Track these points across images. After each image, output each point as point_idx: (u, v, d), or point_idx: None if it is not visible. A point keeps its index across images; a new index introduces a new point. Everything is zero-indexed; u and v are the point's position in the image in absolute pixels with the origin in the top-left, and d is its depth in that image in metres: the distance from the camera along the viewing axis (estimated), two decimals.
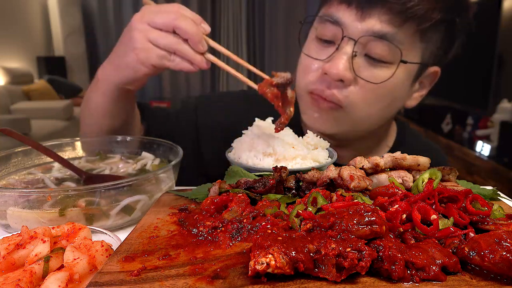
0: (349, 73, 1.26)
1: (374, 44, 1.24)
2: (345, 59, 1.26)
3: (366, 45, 1.26)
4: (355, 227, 0.67)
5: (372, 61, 1.27)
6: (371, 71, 1.27)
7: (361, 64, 1.28)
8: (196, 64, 1.15)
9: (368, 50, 1.26)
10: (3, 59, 8.01)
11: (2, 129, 1.20)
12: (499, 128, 5.57)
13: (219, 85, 10.71)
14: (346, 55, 1.26)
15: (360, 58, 1.27)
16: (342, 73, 1.26)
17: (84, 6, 10.28)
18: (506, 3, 5.47)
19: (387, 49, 1.24)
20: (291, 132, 1.32)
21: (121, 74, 1.20)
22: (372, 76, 1.27)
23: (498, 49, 5.60)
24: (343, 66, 1.25)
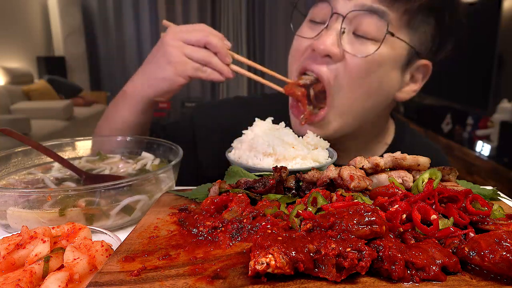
0: (336, 48, 1.28)
1: (363, 19, 1.26)
2: (333, 34, 1.29)
3: (355, 22, 1.28)
4: (355, 227, 0.67)
5: (360, 38, 1.30)
6: (358, 46, 1.30)
7: (349, 40, 1.30)
8: (224, 74, 1.34)
9: (356, 26, 1.29)
10: (3, 59, 8.01)
11: (2, 129, 1.20)
12: (499, 128, 5.57)
13: (219, 85, 10.71)
14: (335, 31, 1.29)
15: (348, 35, 1.30)
16: (329, 48, 1.28)
17: (84, 6, 10.29)
18: (506, 3, 5.47)
19: (375, 24, 1.26)
20: (291, 132, 1.32)
21: (157, 87, 1.35)
22: (359, 51, 1.29)
23: (498, 49, 5.60)
24: (331, 42, 1.28)
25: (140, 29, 10.74)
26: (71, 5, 9.81)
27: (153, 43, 11.22)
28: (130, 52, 10.82)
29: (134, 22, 10.68)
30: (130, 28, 10.70)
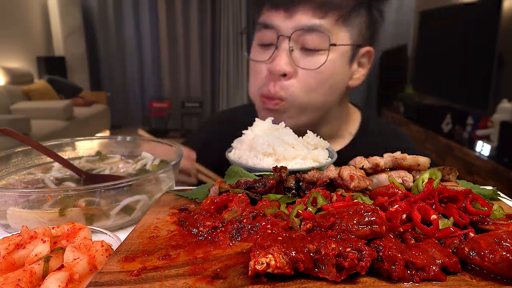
0: (290, 66, 1.45)
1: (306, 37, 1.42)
2: (284, 55, 1.44)
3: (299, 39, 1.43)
4: (355, 227, 0.67)
5: (308, 51, 1.46)
6: (308, 60, 1.46)
7: (299, 56, 1.46)
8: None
9: (302, 43, 1.44)
10: (3, 59, 8.01)
11: (2, 129, 1.20)
12: (499, 128, 5.57)
13: (219, 85, 10.70)
14: (285, 51, 1.45)
15: (297, 51, 1.45)
16: (283, 68, 1.44)
17: (84, 6, 10.28)
18: (506, 3, 5.47)
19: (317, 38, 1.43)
20: (291, 132, 1.32)
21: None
22: (310, 64, 1.45)
23: (498, 49, 5.60)
24: (284, 61, 1.44)
25: (140, 29, 10.73)
26: (71, 5, 9.80)
27: (153, 43, 11.26)
28: (130, 52, 10.81)
29: (134, 22, 10.68)
30: (130, 28, 10.69)
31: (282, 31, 1.44)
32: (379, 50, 9.24)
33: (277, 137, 1.25)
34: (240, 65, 10.99)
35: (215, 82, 10.70)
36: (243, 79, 10.77)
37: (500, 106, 5.72)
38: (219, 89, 10.66)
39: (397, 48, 9.00)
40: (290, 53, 1.44)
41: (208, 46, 10.69)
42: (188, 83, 9.87)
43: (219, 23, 10.58)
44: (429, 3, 7.56)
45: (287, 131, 1.32)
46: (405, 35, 8.88)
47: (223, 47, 10.68)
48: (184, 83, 9.79)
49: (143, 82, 10.78)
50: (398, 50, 8.96)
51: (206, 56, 10.74)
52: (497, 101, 5.76)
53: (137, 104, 11.08)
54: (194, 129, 8.29)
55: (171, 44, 10.55)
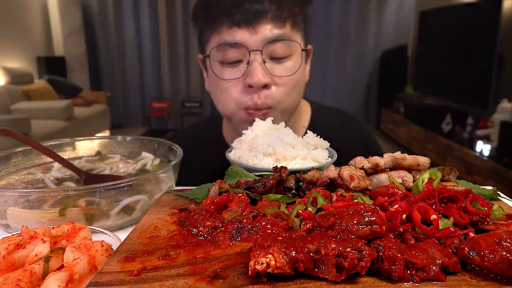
0: (267, 77, 1.53)
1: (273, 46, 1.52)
2: (259, 67, 1.52)
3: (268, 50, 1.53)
4: (355, 227, 0.67)
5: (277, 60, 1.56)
6: (280, 67, 1.57)
7: (270, 66, 1.55)
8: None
9: (271, 53, 1.54)
10: (3, 59, 8.01)
11: (2, 129, 1.20)
12: (499, 128, 5.57)
13: None
14: (259, 64, 1.52)
15: (268, 62, 1.54)
16: (262, 80, 1.51)
17: (84, 6, 10.28)
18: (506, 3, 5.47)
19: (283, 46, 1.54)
20: (291, 132, 1.32)
21: None
22: (284, 71, 1.57)
23: (498, 49, 5.60)
24: (261, 74, 1.51)
25: (140, 29, 10.73)
26: (71, 5, 9.80)
27: (153, 43, 11.25)
28: (130, 52, 10.81)
29: (134, 22, 10.68)
30: (130, 28, 10.69)
31: (251, 46, 1.51)
32: (379, 50, 9.26)
33: (277, 137, 1.25)
34: None
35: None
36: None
37: (500, 106, 5.72)
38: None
39: (397, 48, 9.01)
40: (264, 65, 1.53)
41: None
42: (188, 83, 9.87)
43: None
44: (429, 3, 7.57)
45: (287, 131, 1.32)
46: (405, 35, 8.90)
47: None
48: (184, 83, 9.79)
49: (143, 82, 10.79)
50: (398, 50, 8.96)
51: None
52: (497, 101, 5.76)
53: (137, 104, 11.08)
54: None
55: (171, 44, 10.56)
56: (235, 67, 1.56)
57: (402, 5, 9.06)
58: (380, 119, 9.24)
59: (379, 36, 9.12)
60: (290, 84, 1.58)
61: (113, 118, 10.40)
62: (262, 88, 1.54)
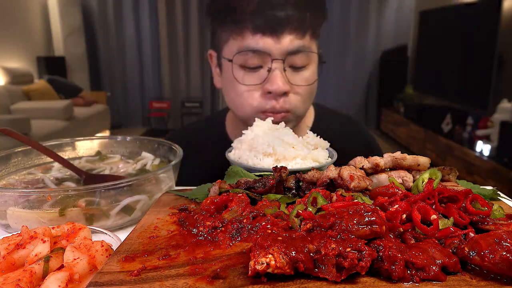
0: (287, 85, 1.58)
1: (294, 57, 1.57)
2: (280, 75, 1.56)
3: (289, 60, 1.58)
4: (355, 227, 0.67)
5: (296, 69, 1.61)
6: (298, 76, 1.61)
7: (291, 74, 1.60)
8: None
9: (291, 62, 1.58)
10: (3, 59, 8.01)
11: (2, 129, 1.20)
12: (499, 128, 5.57)
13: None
14: (280, 72, 1.56)
15: (288, 70, 1.59)
16: (282, 87, 1.55)
17: (84, 6, 10.28)
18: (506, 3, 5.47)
19: (303, 56, 1.59)
20: (291, 132, 1.32)
21: None
22: (301, 80, 1.62)
23: (498, 49, 5.60)
24: (281, 82, 1.55)
25: (140, 29, 10.73)
26: (71, 5, 9.80)
27: (153, 43, 11.24)
28: (130, 52, 10.81)
29: (134, 22, 10.68)
30: (130, 28, 10.69)
31: (275, 55, 1.55)
32: (379, 50, 9.26)
33: (277, 137, 1.25)
34: None
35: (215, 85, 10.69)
36: None
37: (500, 106, 5.72)
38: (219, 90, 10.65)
39: (397, 48, 9.01)
40: (284, 73, 1.58)
41: (208, 46, 10.70)
42: (188, 83, 9.87)
43: None
44: (429, 3, 7.57)
45: (287, 131, 1.32)
46: (405, 35, 8.90)
47: None
48: (184, 83, 9.79)
49: (143, 82, 10.79)
50: (398, 50, 8.96)
51: (206, 56, 10.75)
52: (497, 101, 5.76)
53: (137, 104, 11.08)
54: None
55: (171, 44, 10.56)
56: (255, 72, 1.60)
57: (402, 5, 9.06)
58: (380, 119, 9.24)
59: (379, 36, 9.12)
60: (306, 92, 1.64)
61: (113, 118, 10.40)
62: (281, 94, 1.59)
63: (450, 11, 6.86)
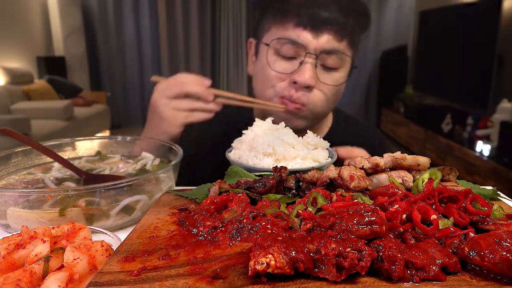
0: (314, 80, 1.60)
1: (327, 57, 1.60)
2: (310, 69, 1.58)
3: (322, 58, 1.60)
4: (355, 227, 0.67)
5: (328, 69, 1.64)
6: (328, 76, 1.64)
7: (320, 72, 1.63)
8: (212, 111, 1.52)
9: (324, 61, 1.61)
10: (3, 59, 8.01)
11: (2, 129, 1.20)
12: (499, 128, 5.57)
13: (219, 84, 10.71)
14: (311, 66, 1.59)
15: (319, 68, 1.62)
16: (309, 81, 1.58)
17: (84, 6, 10.29)
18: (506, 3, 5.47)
19: (336, 59, 1.62)
20: (291, 132, 1.32)
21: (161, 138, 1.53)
22: (331, 80, 1.65)
23: (498, 49, 5.60)
24: (309, 76, 1.58)
25: (140, 29, 10.74)
26: (71, 5, 9.81)
27: (153, 43, 11.21)
28: (130, 52, 10.82)
29: (134, 22, 10.68)
30: (130, 28, 10.70)
31: (310, 50, 1.58)
32: (379, 50, 9.24)
33: (277, 137, 1.25)
34: (240, 64, 11.01)
35: (215, 82, 10.70)
36: (243, 78, 10.78)
37: (500, 106, 5.72)
38: (219, 88, 10.65)
39: (397, 48, 9.00)
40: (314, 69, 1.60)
41: (208, 46, 10.71)
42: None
43: (219, 23, 10.59)
44: (429, 3, 7.57)
45: (287, 131, 1.32)
46: (405, 35, 8.90)
47: (223, 47, 10.69)
48: None
49: (143, 82, 10.80)
50: (398, 50, 8.96)
51: (206, 55, 10.75)
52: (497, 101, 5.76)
53: (137, 104, 11.10)
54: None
55: (171, 44, 10.56)
56: (287, 61, 1.63)
57: (402, 5, 9.06)
58: (380, 119, 9.24)
59: (379, 36, 9.12)
60: (331, 92, 1.66)
61: (113, 118, 10.40)
62: (304, 88, 1.61)
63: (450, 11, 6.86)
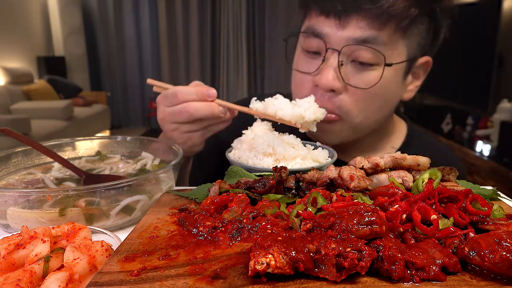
0: (338, 82, 1.30)
1: (358, 51, 1.27)
2: (332, 69, 1.30)
3: (351, 53, 1.28)
4: (355, 227, 0.67)
5: (360, 66, 1.29)
6: (359, 76, 1.30)
7: (349, 71, 1.31)
8: (226, 122, 1.34)
9: (354, 56, 1.29)
10: (3, 59, 8.01)
11: (2, 129, 1.20)
12: (499, 128, 5.58)
13: (219, 84, 10.72)
14: (333, 66, 1.30)
15: (347, 66, 1.31)
16: (331, 83, 1.30)
17: (84, 6, 10.29)
18: (506, 3, 5.47)
19: (371, 52, 1.26)
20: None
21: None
22: (361, 82, 1.30)
23: (498, 49, 5.60)
24: (332, 77, 1.29)
25: (140, 29, 10.74)
26: (71, 5, 9.81)
27: (153, 43, 11.21)
28: (130, 52, 10.82)
29: (134, 22, 10.69)
30: (130, 28, 10.71)
31: (332, 43, 1.29)
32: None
33: (277, 137, 1.25)
34: (240, 64, 11.02)
35: (215, 82, 10.72)
36: (242, 78, 10.79)
37: (500, 106, 5.73)
38: (219, 88, 10.67)
39: None
40: (339, 68, 1.29)
41: (208, 46, 10.72)
42: (188, 83, 9.88)
43: (219, 23, 10.59)
44: None
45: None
46: None
47: (223, 47, 10.70)
48: (184, 83, 9.80)
49: (143, 82, 10.80)
50: None
51: (206, 56, 10.76)
52: (497, 101, 5.77)
53: (137, 104, 11.11)
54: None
55: (171, 44, 10.57)
56: (312, 58, 1.37)
57: None
58: None
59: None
60: (364, 98, 1.33)
61: (113, 118, 10.41)
62: (329, 91, 1.33)
63: None
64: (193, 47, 10.62)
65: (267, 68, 10.84)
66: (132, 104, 11.19)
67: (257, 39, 10.68)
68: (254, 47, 10.74)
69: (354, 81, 1.30)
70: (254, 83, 10.89)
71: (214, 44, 10.74)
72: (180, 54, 10.71)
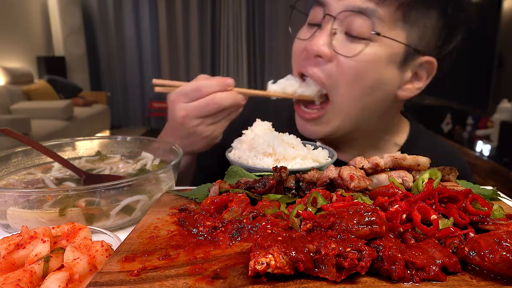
0: (326, 48, 1.29)
1: (353, 20, 1.26)
2: (325, 35, 1.30)
3: (346, 22, 1.28)
4: (355, 227, 0.67)
5: (351, 38, 1.29)
6: (349, 47, 1.29)
7: (340, 41, 1.30)
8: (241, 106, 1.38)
9: (348, 27, 1.28)
10: (3, 59, 8.02)
11: (2, 129, 1.20)
12: (499, 128, 5.58)
13: None
14: (326, 32, 1.31)
15: (340, 36, 1.30)
16: (319, 48, 1.29)
17: (84, 6, 10.30)
18: (506, 3, 5.47)
19: (364, 24, 1.25)
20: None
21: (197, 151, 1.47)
22: (350, 52, 1.28)
23: (498, 49, 5.60)
24: (322, 42, 1.29)
25: (140, 29, 10.75)
26: (71, 5, 9.81)
27: (153, 43, 11.20)
28: (130, 52, 10.83)
29: (134, 22, 10.69)
30: (130, 28, 10.71)
31: (330, 10, 1.28)
32: None
33: (277, 137, 1.25)
34: (240, 64, 11.02)
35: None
36: (243, 78, 10.80)
37: (500, 106, 5.73)
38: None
39: None
40: (332, 35, 1.28)
41: (208, 46, 10.72)
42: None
43: (219, 23, 10.60)
44: None
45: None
46: None
47: (223, 47, 10.70)
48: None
49: (143, 82, 10.81)
50: None
51: (206, 56, 10.76)
52: (497, 101, 5.77)
53: (137, 104, 11.12)
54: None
55: (171, 44, 10.57)
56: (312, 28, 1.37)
57: None
58: None
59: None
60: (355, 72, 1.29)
61: (113, 118, 10.41)
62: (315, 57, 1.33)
63: None
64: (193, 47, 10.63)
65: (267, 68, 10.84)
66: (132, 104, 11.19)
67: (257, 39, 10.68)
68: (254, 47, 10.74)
69: (343, 51, 1.29)
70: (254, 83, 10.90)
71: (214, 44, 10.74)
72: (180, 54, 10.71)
